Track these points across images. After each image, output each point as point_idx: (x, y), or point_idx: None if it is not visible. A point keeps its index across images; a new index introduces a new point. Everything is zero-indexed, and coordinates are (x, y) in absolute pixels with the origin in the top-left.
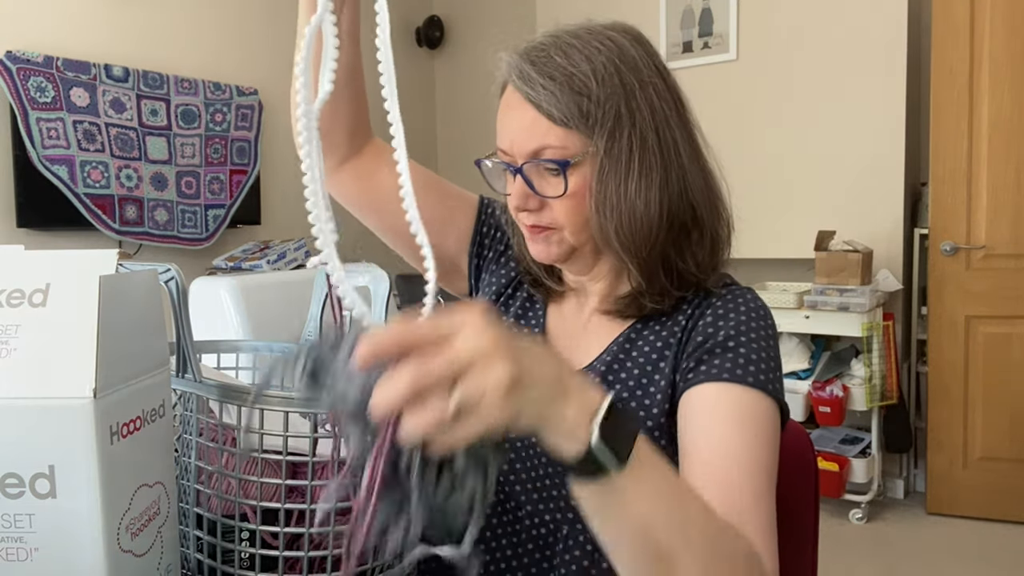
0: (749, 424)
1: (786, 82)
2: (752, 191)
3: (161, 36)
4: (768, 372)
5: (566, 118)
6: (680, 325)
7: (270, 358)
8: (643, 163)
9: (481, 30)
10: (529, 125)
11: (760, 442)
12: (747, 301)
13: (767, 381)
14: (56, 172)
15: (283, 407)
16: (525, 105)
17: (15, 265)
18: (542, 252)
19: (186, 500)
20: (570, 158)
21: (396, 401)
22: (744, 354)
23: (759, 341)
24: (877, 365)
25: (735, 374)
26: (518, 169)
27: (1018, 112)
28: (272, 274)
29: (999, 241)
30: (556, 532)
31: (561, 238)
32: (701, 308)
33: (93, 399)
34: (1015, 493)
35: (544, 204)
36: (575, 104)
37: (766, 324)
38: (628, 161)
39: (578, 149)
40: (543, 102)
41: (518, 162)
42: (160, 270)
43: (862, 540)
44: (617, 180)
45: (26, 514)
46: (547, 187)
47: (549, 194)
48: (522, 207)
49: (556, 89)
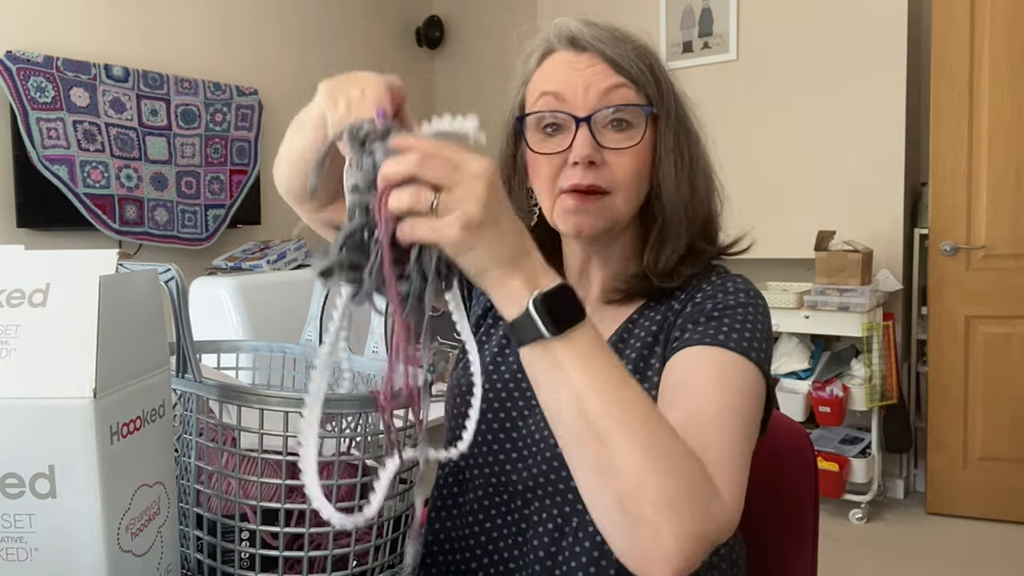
0: (726, 377)
1: (786, 82)
2: (752, 191)
3: (161, 36)
4: (752, 341)
5: (637, 75)
6: (674, 310)
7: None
8: (689, 139)
9: (481, 30)
10: (602, 76)
11: (734, 392)
12: (736, 283)
13: (750, 348)
14: (56, 172)
15: (283, 407)
16: (593, 57)
17: (15, 265)
18: (586, 224)
19: (186, 500)
20: (653, 108)
21: (398, 172)
22: (728, 323)
23: (746, 314)
24: (877, 365)
25: (716, 339)
26: (586, 119)
27: (1018, 112)
28: (272, 274)
29: (999, 241)
30: (564, 527)
31: (612, 205)
32: (692, 291)
33: (93, 399)
34: (1015, 493)
35: (605, 161)
36: (645, 65)
37: (755, 302)
38: (677, 133)
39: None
40: (615, 54)
41: (582, 114)
42: (160, 270)
43: (862, 540)
44: (681, 148)
45: (26, 514)
46: (610, 142)
47: (616, 147)
48: (589, 158)
49: (625, 48)
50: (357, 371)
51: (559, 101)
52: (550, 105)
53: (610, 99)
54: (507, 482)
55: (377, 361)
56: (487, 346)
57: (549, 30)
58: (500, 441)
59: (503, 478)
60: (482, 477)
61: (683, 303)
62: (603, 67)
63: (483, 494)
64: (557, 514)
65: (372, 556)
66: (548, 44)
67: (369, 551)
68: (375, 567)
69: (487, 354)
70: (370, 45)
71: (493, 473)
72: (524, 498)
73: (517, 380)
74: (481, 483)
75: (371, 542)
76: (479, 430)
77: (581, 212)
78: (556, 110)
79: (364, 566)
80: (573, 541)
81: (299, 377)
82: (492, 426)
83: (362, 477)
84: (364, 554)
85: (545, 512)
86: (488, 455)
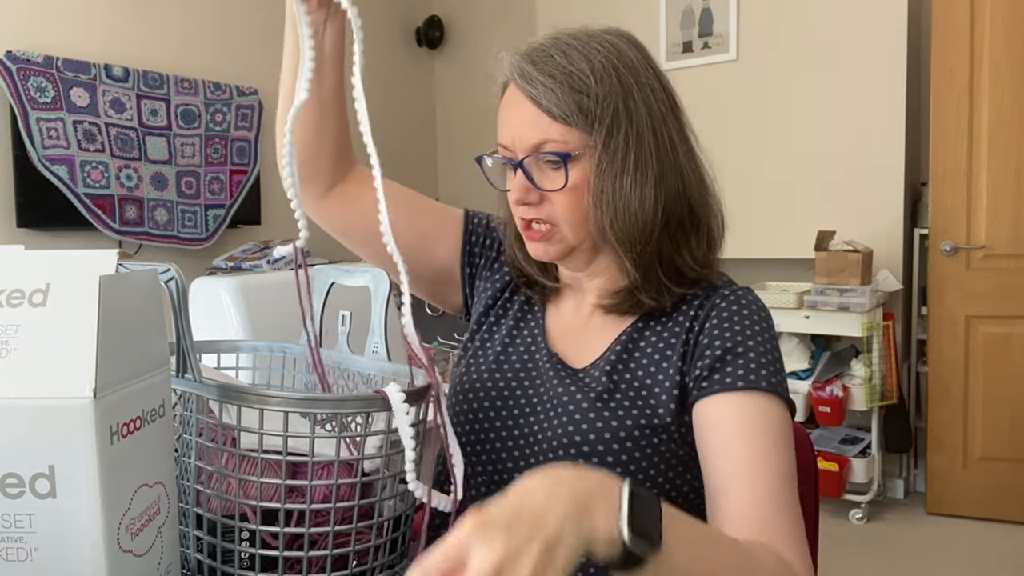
0: (765, 432)
1: (786, 82)
2: (752, 191)
3: (161, 36)
4: (777, 373)
5: (566, 115)
6: (683, 326)
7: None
8: (639, 159)
9: (481, 30)
10: (531, 121)
11: (778, 449)
12: (748, 303)
13: (777, 383)
14: (56, 172)
15: (283, 407)
16: (526, 103)
17: (15, 265)
18: (541, 251)
19: (186, 500)
20: (570, 151)
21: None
22: (754, 358)
23: (765, 344)
24: (877, 365)
25: (748, 380)
26: (519, 163)
27: (1018, 112)
28: (272, 274)
29: (999, 241)
30: None
31: (561, 236)
32: (704, 309)
33: (93, 399)
34: (1015, 493)
35: (543, 198)
36: (574, 101)
37: (768, 324)
38: (624, 157)
39: (578, 144)
40: (543, 99)
41: (519, 157)
42: (160, 270)
43: (862, 540)
44: (613, 175)
45: (26, 514)
46: (547, 181)
47: (548, 188)
48: (522, 200)
49: (556, 87)
50: (358, 371)
51: (503, 143)
52: (499, 151)
53: (537, 145)
54: (510, 479)
55: (377, 361)
56: (490, 343)
57: (502, 61)
58: (503, 439)
59: (505, 476)
60: (485, 474)
61: (693, 319)
62: (534, 112)
63: (485, 491)
64: None
65: (372, 556)
66: (505, 76)
67: (369, 551)
68: (375, 567)
69: (491, 351)
70: (370, 45)
71: (496, 470)
72: None
73: (520, 378)
74: (484, 479)
75: (371, 542)
76: (482, 428)
77: (534, 244)
78: (503, 156)
79: (364, 566)
80: None
81: (299, 377)
82: (495, 423)
83: (362, 477)
84: (364, 554)
85: None
86: (492, 452)
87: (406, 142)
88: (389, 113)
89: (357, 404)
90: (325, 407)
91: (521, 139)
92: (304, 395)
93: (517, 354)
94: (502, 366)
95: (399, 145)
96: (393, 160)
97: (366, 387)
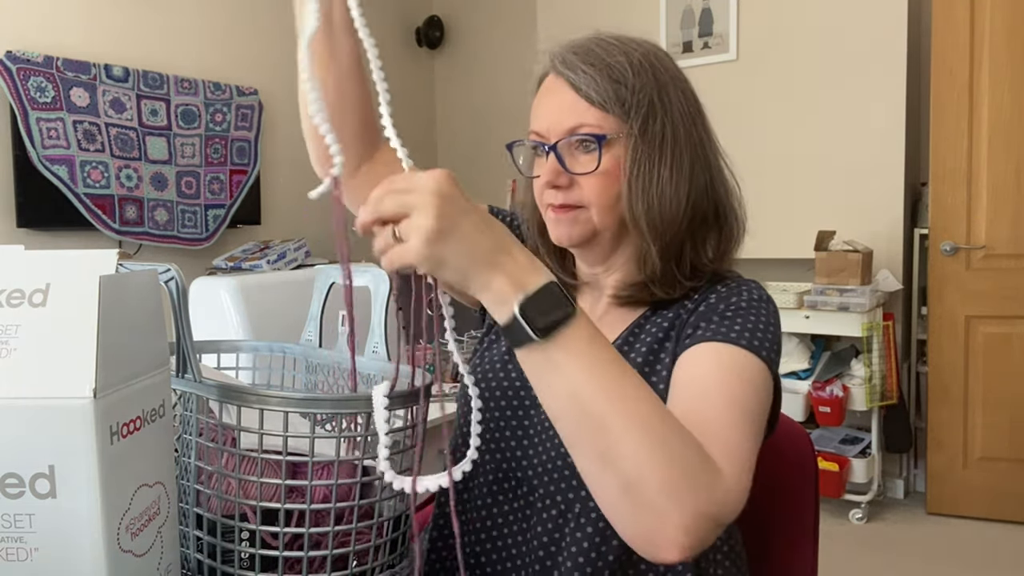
0: (734, 370)
1: (786, 82)
2: (752, 191)
3: (161, 36)
4: (764, 340)
5: (604, 101)
6: (687, 309)
7: None
8: (675, 151)
9: (481, 30)
10: (569, 105)
11: (740, 382)
12: (751, 288)
13: (760, 347)
14: (56, 172)
15: (283, 407)
16: (565, 88)
17: (15, 265)
18: (564, 233)
19: (186, 500)
20: (605, 134)
21: (363, 223)
22: (740, 322)
23: (759, 314)
24: (877, 365)
25: (728, 336)
26: (552, 147)
27: (1018, 112)
28: (272, 274)
29: (999, 241)
30: (567, 513)
31: (587, 217)
32: (706, 294)
33: (93, 399)
34: (1015, 493)
35: (573, 182)
36: (612, 90)
37: (768, 308)
38: (661, 146)
39: (613, 129)
40: (583, 84)
41: (551, 141)
42: (160, 270)
43: (862, 540)
44: (651, 163)
45: (26, 514)
46: (577, 165)
47: (579, 171)
48: (552, 183)
49: (596, 74)
50: (358, 371)
51: (536, 129)
52: (534, 138)
53: (572, 128)
54: (516, 467)
55: (377, 361)
56: (499, 341)
57: (543, 56)
58: (512, 428)
59: (512, 464)
60: (493, 463)
61: (696, 303)
62: (572, 97)
63: (492, 479)
64: (560, 500)
65: (372, 556)
66: (544, 68)
67: (369, 551)
68: (375, 567)
69: (502, 347)
70: None
71: (504, 459)
72: (530, 484)
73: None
74: (492, 468)
75: (371, 542)
76: (492, 417)
77: (559, 223)
78: (535, 141)
79: (364, 566)
80: (575, 527)
81: (299, 377)
82: (505, 413)
83: (362, 477)
84: (364, 554)
85: (549, 499)
86: (500, 441)
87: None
88: None
89: (357, 404)
90: (325, 407)
91: (557, 123)
92: (304, 395)
93: None
94: (514, 359)
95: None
96: None
97: (366, 387)
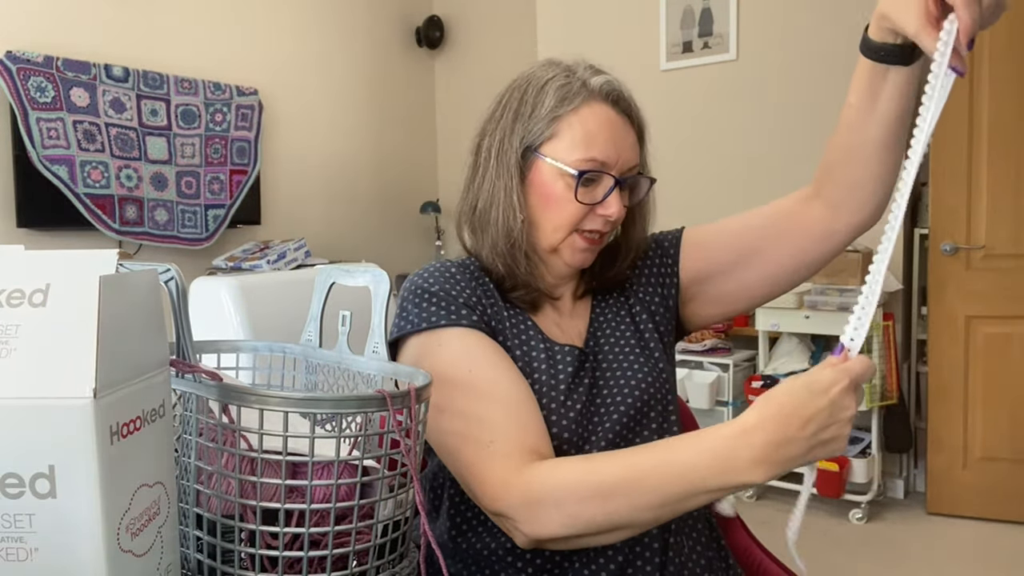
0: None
1: (786, 82)
2: (752, 191)
3: (161, 36)
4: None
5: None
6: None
7: None
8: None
9: (481, 30)
10: (632, 144)
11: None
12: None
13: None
14: (56, 172)
15: (283, 407)
16: (628, 126)
17: (15, 265)
18: (588, 260)
19: (186, 500)
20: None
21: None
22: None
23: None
24: (877, 365)
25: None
26: (623, 182)
27: (1018, 112)
28: (272, 274)
29: (999, 241)
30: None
31: (604, 242)
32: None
33: (93, 399)
34: (1015, 493)
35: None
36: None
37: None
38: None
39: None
40: (642, 128)
41: (615, 175)
42: (160, 270)
43: (862, 540)
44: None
45: (26, 514)
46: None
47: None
48: (621, 218)
49: (639, 118)
50: (358, 371)
51: (603, 159)
52: (594, 165)
53: (634, 166)
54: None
55: (377, 361)
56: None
57: (582, 74)
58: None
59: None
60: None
61: (639, 269)
62: (634, 137)
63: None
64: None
65: (372, 556)
66: (587, 91)
67: (369, 551)
68: (375, 567)
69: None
70: (370, 45)
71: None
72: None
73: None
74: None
75: (371, 542)
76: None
77: (590, 251)
78: (600, 170)
79: (364, 566)
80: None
81: (299, 377)
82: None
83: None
84: (364, 554)
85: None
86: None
87: (406, 142)
88: (389, 113)
89: (357, 404)
90: (325, 407)
91: (625, 160)
92: (304, 395)
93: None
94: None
95: (399, 145)
96: (393, 160)
97: (366, 387)
